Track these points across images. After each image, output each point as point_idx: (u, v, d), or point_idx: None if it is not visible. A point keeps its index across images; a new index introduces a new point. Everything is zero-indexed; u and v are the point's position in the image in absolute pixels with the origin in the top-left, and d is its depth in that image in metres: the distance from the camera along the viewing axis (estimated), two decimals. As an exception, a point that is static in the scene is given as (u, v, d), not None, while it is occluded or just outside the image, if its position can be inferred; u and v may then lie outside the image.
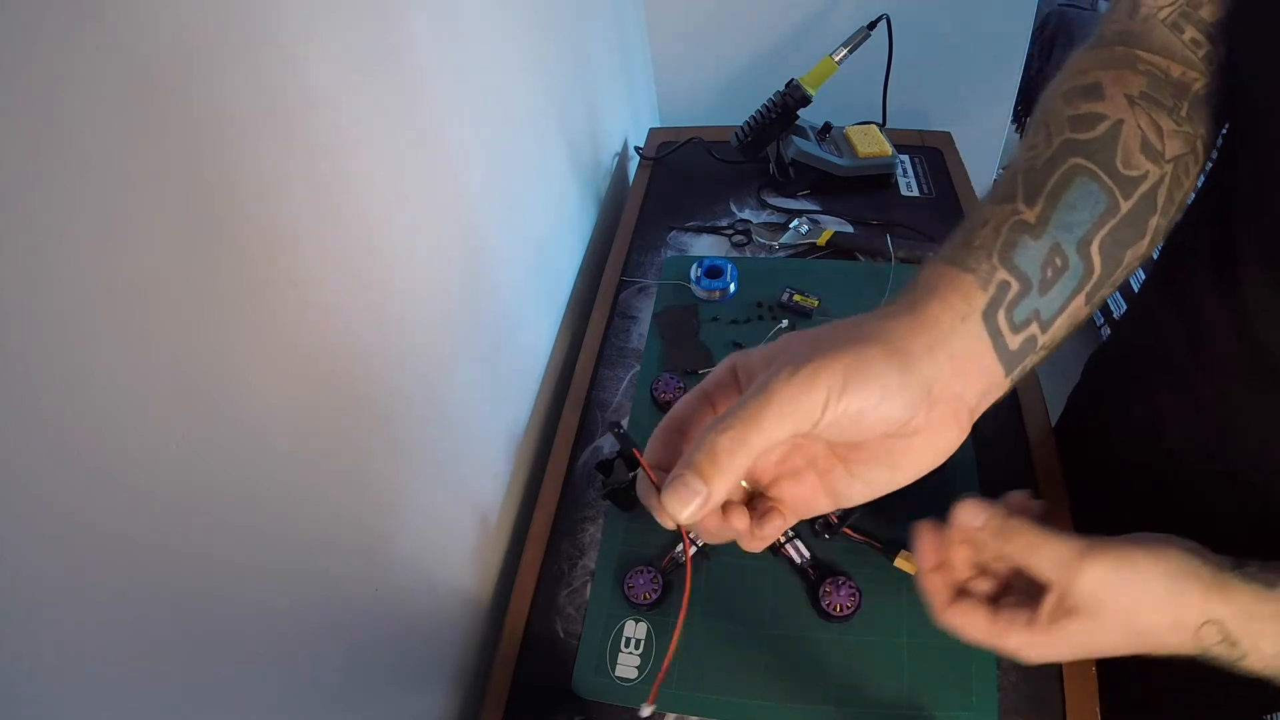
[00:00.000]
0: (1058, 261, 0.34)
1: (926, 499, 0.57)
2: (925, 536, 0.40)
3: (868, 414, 0.29)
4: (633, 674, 0.55)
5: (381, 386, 0.45)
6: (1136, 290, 0.63)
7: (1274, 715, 0.53)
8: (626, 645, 0.57)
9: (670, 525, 0.30)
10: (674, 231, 0.91)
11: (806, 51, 1.17)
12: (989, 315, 0.33)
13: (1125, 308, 1.56)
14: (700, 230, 0.90)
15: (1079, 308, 0.35)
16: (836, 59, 0.86)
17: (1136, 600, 0.35)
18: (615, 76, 1.05)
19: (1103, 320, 1.62)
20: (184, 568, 0.30)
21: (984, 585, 0.40)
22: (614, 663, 0.56)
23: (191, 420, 0.30)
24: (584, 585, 0.61)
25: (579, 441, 0.71)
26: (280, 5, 0.34)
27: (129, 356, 0.27)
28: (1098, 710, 0.52)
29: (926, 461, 0.33)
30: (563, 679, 0.56)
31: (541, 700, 0.55)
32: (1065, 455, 0.65)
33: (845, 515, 0.57)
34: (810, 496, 0.35)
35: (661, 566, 0.59)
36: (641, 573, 0.58)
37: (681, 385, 0.70)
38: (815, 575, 0.57)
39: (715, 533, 0.33)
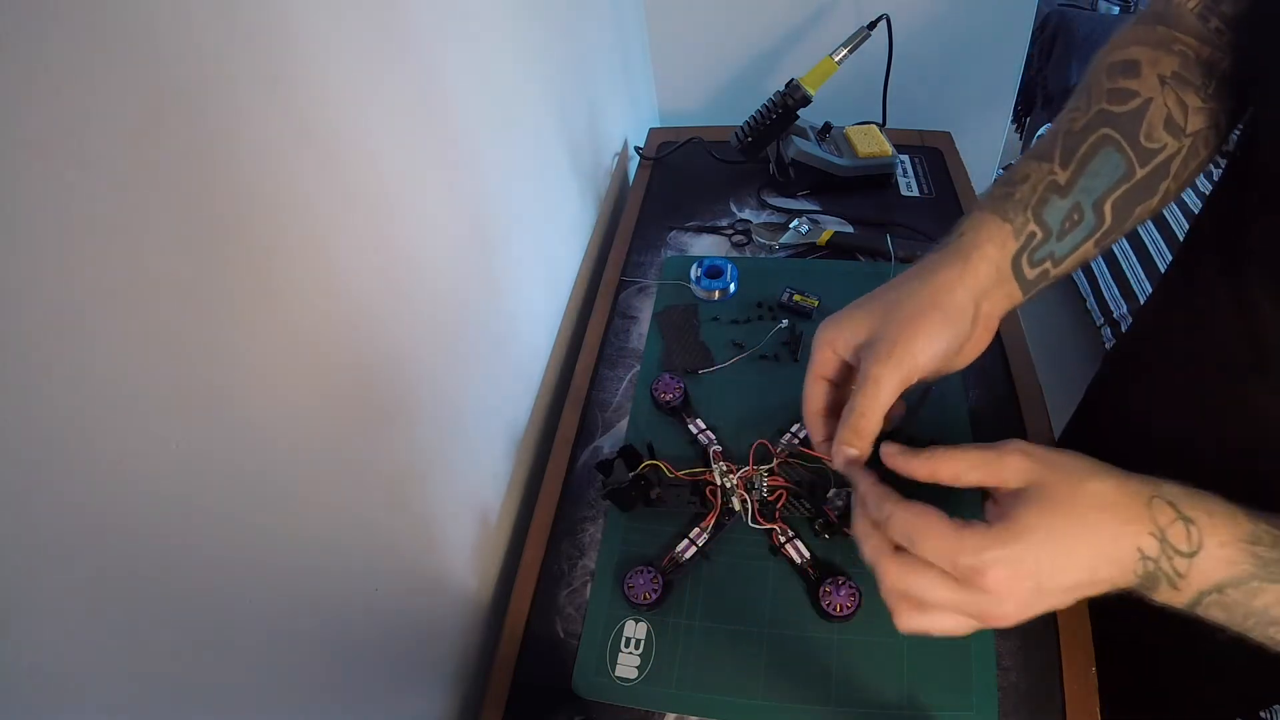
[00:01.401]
0: (1075, 216, 0.44)
1: (931, 502, 0.57)
2: (864, 478, 0.42)
3: (937, 357, 0.42)
4: (633, 674, 0.55)
5: (382, 386, 0.45)
6: (1144, 298, 0.63)
7: (1271, 711, 0.53)
8: (626, 645, 0.57)
9: (840, 467, 0.43)
10: (674, 231, 0.91)
11: (806, 51, 1.18)
12: (1016, 260, 0.43)
13: (1132, 320, 1.56)
14: (700, 230, 0.90)
15: (1088, 250, 0.45)
16: (836, 59, 0.86)
17: (1075, 462, 0.37)
18: (615, 76, 1.05)
19: (1102, 321, 1.62)
20: (183, 566, 0.30)
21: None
22: (614, 663, 0.56)
23: (191, 419, 0.30)
24: (584, 585, 0.61)
25: (579, 441, 0.71)
26: (287, 7, 0.34)
27: (130, 355, 0.27)
28: (1097, 710, 0.52)
29: (972, 357, 0.45)
30: (563, 679, 0.56)
31: (541, 700, 0.55)
32: None
33: (844, 515, 0.57)
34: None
35: (661, 566, 0.58)
36: (641, 573, 0.58)
37: (681, 384, 0.70)
38: (815, 575, 0.57)
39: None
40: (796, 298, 0.77)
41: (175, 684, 0.30)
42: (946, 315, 0.41)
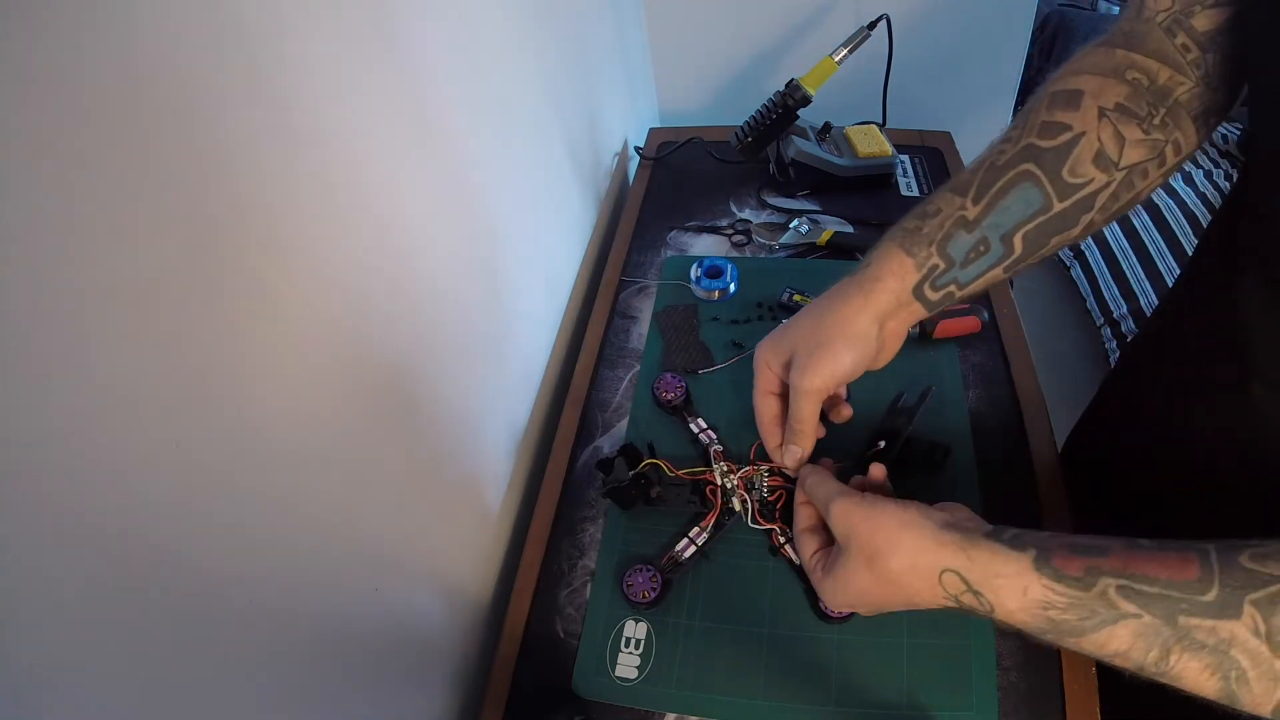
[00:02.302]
0: (981, 248, 0.47)
1: (931, 503, 0.56)
2: (809, 476, 0.53)
3: (846, 373, 0.50)
4: (633, 674, 0.55)
5: (382, 387, 0.45)
6: (1144, 298, 0.63)
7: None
8: (626, 645, 0.57)
9: (790, 467, 0.56)
10: (674, 231, 0.91)
11: (806, 51, 1.18)
12: (918, 288, 0.48)
13: (1135, 324, 1.56)
14: (700, 230, 0.90)
15: (996, 275, 0.48)
16: (836, 59, 0.86)
17: (874, 534, 0.43)
18: (615, 76, 1.05)
19: (1102, 321, 1.62)
20: (183, 566, 0.30)
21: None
22: (614, 663, 0.56)
23: (193, 420, 0.30)
24: (584, 585, 0.61)
25: (579, 441, 0.71)
26: (281, 7, 0.34)
27: (131, 355, 0.27)
28: (1097, 710, 0.52)
29: (887, 360, 0.53)
30: (563, 679, 0.56)
31: (541, 700, 0.55)
32: (1071, 479, 0.64)
33: None
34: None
35: (661, 565, 0.58)
36: (640, 571, 0.58)
37: (682, 384, 0.70)
38: None
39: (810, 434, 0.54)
40: (796, 298, 0.77)
41: (175, 684, 0.30)
42: (849, 341, 0.49)
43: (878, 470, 0.53)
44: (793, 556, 0.58)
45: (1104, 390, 0.71)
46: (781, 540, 0.59)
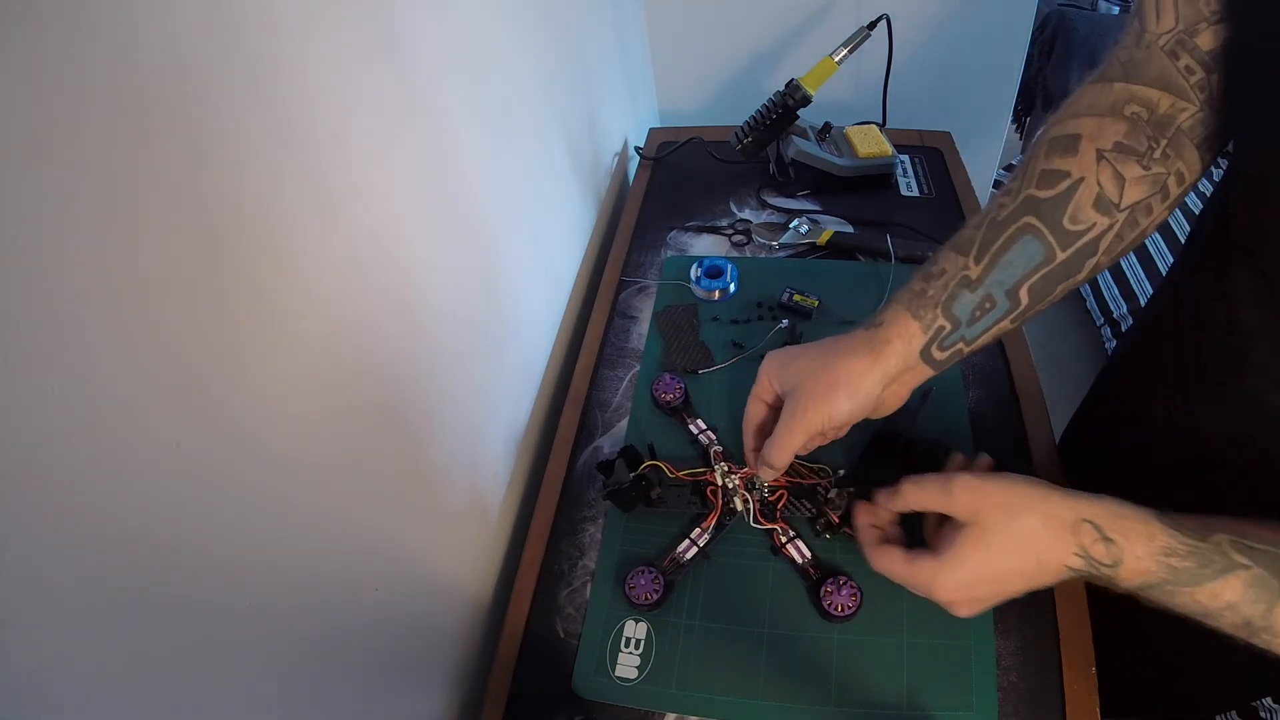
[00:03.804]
0: (987, 305, 0.47)
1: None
2: (860, 508, 0.54)
3: (841, 422, 0.50)
4: (633, 674, 0.55)
5: (382, 387, 0.45)
6: (1144, 298, 0.63)
7: (1262, 700, 0.53)
8: (626, 645, 0.57)
9: (767, 480, 0.58)
10: (674, 231, 0.91)
11: (806, 51, 1.18)
12: (925, 350, 0.49)
13: (1133, 321, 1.56)
14: (700, 230, 0.90)
15: (1003, 328, 0.48)
16: (836, 59, 0.86)
17: (1009, 497, 0.43)
18: (615, 76, 1.05)
19: (1102, 321, 1.62)
20: (184, 567, 0.30)
21: (899, 534, 0.53)
22: (614, 663, 0.56)
23: (193, 420, 0.30)
24: (584, 585, 0.61)
25: (579, 441, 0.71)
26: (278, 7, 0.34)
27: (132, 356, 0.27)
28: (1097, 710, 0.52)
29: (888, 411, 0.55)
30: (563, 679, 0.56)
31: (541, 700, 0.55)
32: (1070, 472, 0.65)
33: (845, 516, 0.57)
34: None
35: (662, 567, 0.58)
36: (643, 573, 0.58)
37: (681, 384, 0.70)
38: (816, 575, 0.57)
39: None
40: (797, 298, 0.77)
41: (175, 684, 0.30)
42: (852, 396, 0.49)
43: (985, 461, 0.53)
44: (795, 556, 0.58)
45: (1099, 383, 0.71)
46: (783, 540, 0.59)
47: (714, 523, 0.60)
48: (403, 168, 0.47)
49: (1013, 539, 0.42)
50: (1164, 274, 0.60)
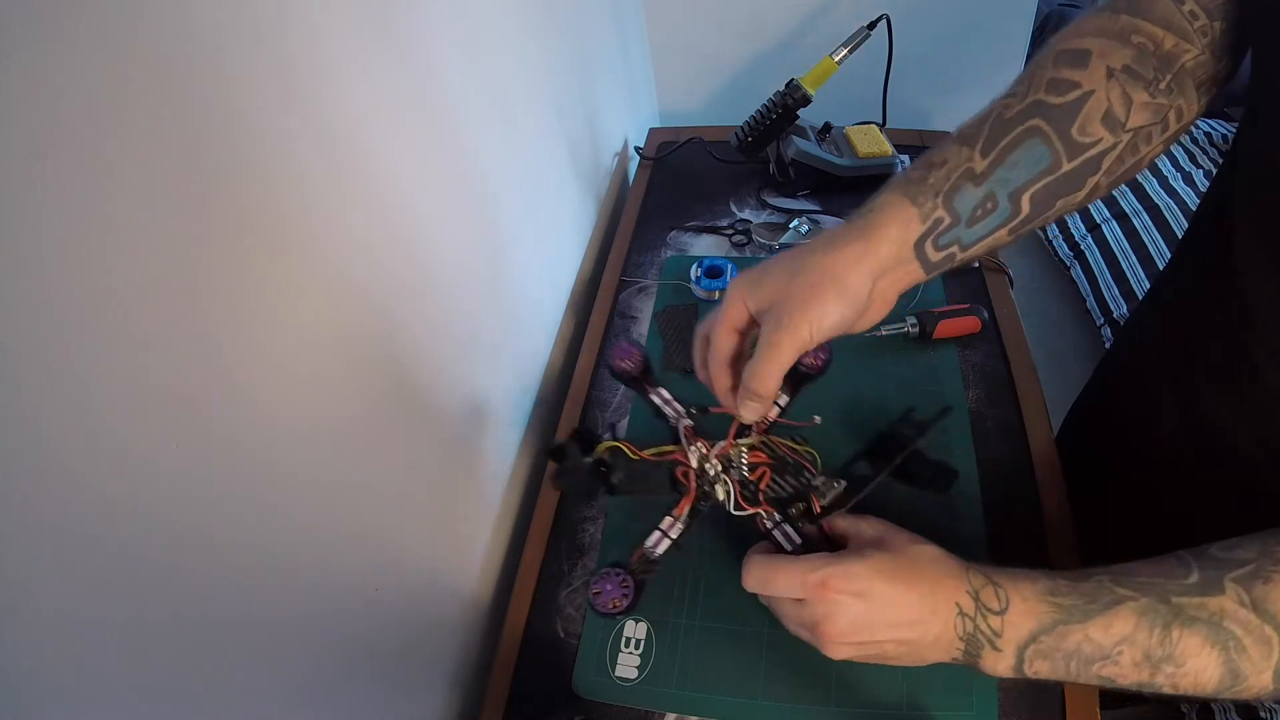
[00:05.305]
0: (989, 205, 0.44)
1: (931, 504, 0.57)
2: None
3: (830, 329, 0.44)
4: (633, 674, 0.55)
5: (383, 388, 0.45)
6: (1147, 292, 0.63)
7: (1270, 710, 0.53)
8: (626, 645, 0.57)
9: (748, 421, 0.50)
10: (674, 231, 0.91)
11: (806, 51, 1.17)
12: (919, 245, 0.44)
13: (1127, 309, 1.56)
14: (700, 230, 0.90)
15: (1000, 237, 0.45)
16: (836, 59, 0.86)
17: (909, 535, 0.45)
18: (615, 76, 1.05)
19: (1102, 321, 1.62)
20: (184, 567, 0.30)
21: None
22: (614, 663, 0.56)
23: (194, 420, 0.30)
24: (584, 585, 0.61)
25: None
26: (292, 8, 0.34)
27: (129, 357, 0.27)
28: (1097, 710, 0.52)
29: (868, 325, 0.47)
30: (563, 679, 0.56)
31: (541, 700, 0.55)
32: (1070, 472, 0.65)
33: (830, 507, 0.52)
34: None
35: (630, 565, 0.51)
36: (608, 576, 0.51)
37: (641, 351, 0.62)
38: None
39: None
40: (796, 298, 0.77)
41: (175, 684, 0.30)
42: (842, 292, 0.43)
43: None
44: (782, 542, 0.52)
45: (1098, 376, 0.70)
46: (769, 525, 0.52)
47: (687, 509, 0.53)
48: (403, 167, 0.47)
49: (914, 557, 0.43)
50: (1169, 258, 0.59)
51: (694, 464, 0.53)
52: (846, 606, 0.41)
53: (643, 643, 0.57)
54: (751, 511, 0.52)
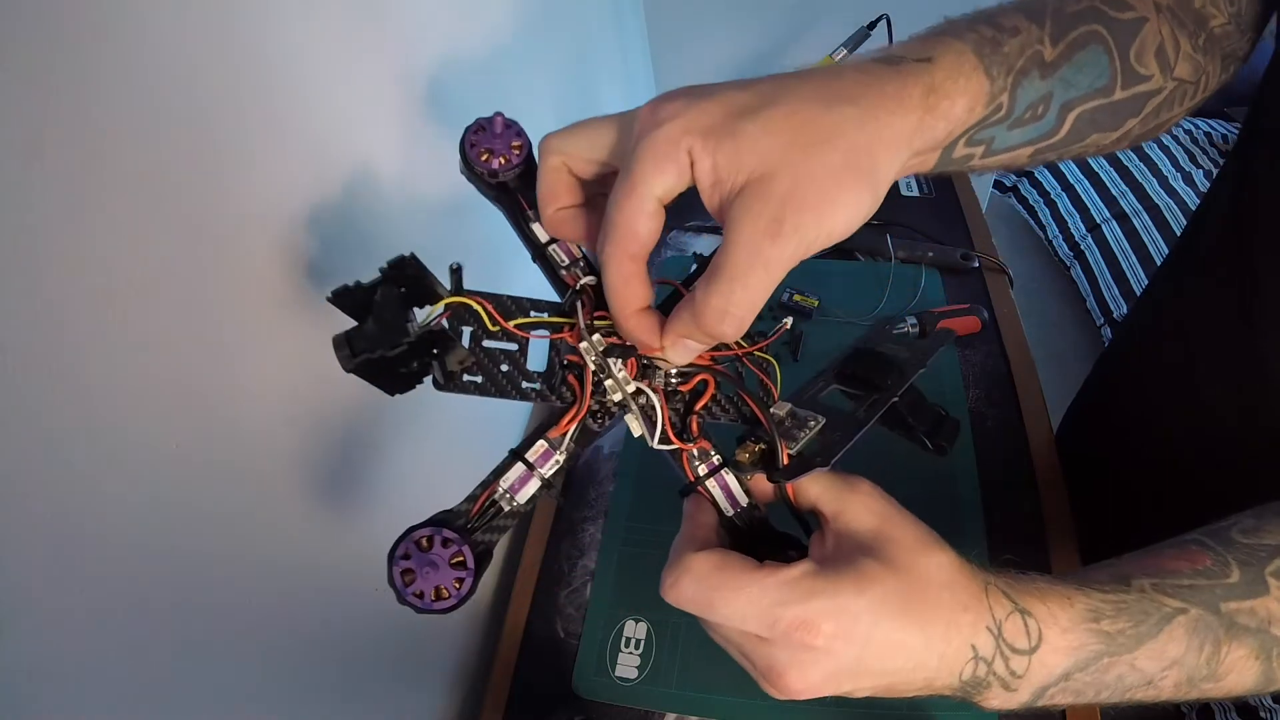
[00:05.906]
0: (1040, 109, 0.35)
1: (931, 503, 0.57)
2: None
3: (844, 236, 0.30)
4: (633, 674, 0.55)
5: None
6: (1144, 287, 0.62)
7: (1262, 700, 0.53)
8: (626, 645, 0.57)
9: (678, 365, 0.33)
10: (674, 231, 0.91)
11: (807, 52, 1.17)
12: (970, 131, 0.33)
13: (1127, 309, 1.56)
14: (700, 230, 0.90)
15: (1021, 155, 0.37)
16: (836, 59, 0.86)
17: (918, 528, 0.31)
18: (615, 75, 1.05)
19: (1102, 321, 1.62)
20: (183, 567, 0.30)
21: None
22: (614, 663, 0.56)
23: (193, 420, 0.30)
24: (584, 585, 0.61)
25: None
26: (284, 14, 0.34)
27: (129, 357, 0.27)
28: (1097, 711, 0.52)
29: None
30: (563, 679, 0.56)
31: (541, 700, 0.55)
32: (1070, 471, 0.65)
33: (800, 460, 0.32)
34: None
35: (465, 524, 0.31)
36: (429, 551, 0.29)
37: (523, 140, 0.39)
38: (749, 534, 0.36)
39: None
40: (796, 298, 0.77)
41: (175, 685, 0.30)
42: (875, 185, 0.30)
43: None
44: (720, 499, 0.34)
45: (1096, 374, 0.70)
46: (701, 471, 0.33)
47: (573, 429, 0.33)
48: (403, 167, 0.47)
49: (928, 576, 0.30)
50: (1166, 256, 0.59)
51: (591, 357, 0.33)
52: (834, 656, 0.29)
53: (643, 643, 0.57)
54: (674, 446, 0.33)
